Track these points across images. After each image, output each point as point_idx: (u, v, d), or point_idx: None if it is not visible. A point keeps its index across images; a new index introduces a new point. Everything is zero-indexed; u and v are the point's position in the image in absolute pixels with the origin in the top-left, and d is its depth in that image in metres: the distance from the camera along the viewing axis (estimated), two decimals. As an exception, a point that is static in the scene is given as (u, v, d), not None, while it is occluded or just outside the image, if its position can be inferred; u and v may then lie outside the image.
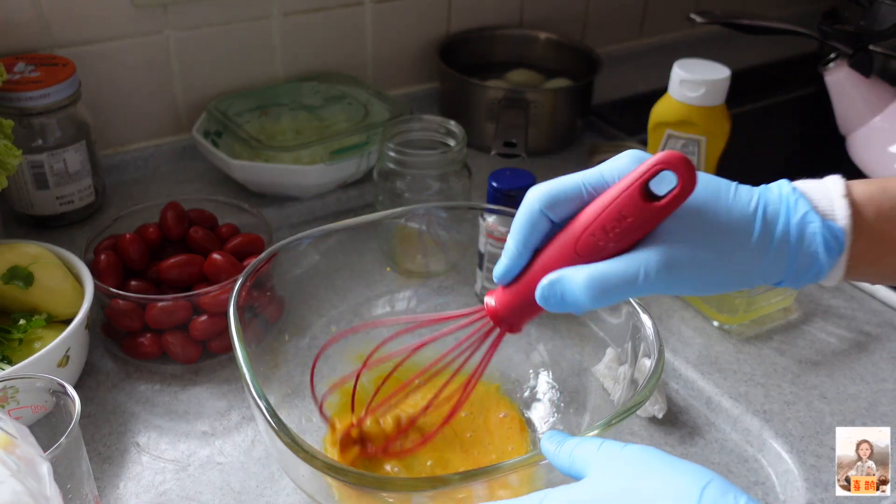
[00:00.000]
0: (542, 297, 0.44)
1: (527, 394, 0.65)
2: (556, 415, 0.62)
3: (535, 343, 0.67)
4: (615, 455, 0.41)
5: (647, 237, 0.42)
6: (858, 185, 0.44)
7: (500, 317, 0.47)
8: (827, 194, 0.43)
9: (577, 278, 0.42)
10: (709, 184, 0.43)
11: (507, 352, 0.67)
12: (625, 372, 0.57)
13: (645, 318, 0.55)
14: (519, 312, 0.47)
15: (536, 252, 0.45)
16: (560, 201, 0.43)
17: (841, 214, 0.42)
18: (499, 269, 0.46)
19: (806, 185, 0.44)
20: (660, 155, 0.40)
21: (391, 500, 0.49)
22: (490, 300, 0.48)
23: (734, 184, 0.43)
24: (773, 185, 0.44)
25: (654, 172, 0.40)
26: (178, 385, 0.67)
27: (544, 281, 0.43)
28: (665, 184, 0.41)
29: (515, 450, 0.60)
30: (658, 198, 0.40)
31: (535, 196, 0.44)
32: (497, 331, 0.49)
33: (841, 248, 0.42)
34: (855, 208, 0.42)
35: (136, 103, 0.92)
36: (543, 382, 0.65)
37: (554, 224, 0.44)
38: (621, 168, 0.43)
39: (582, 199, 0.43)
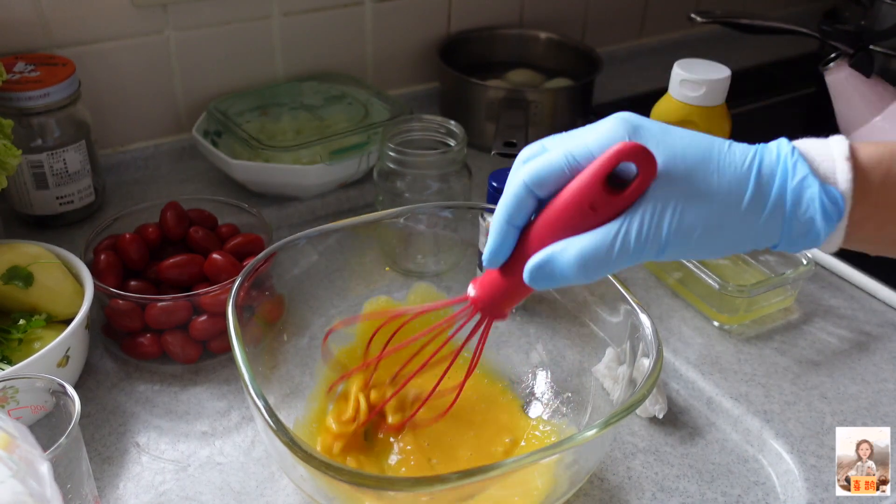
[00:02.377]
0: (531, 277, 0.43)
1: (525, 393, 0.65)
2: (555, 415, 0.62)
3: (534, 343, 0.67)
4: None
5: (634, 203, 0.41)
6: (866, 147, 0.41)
7: (484, 305, 0.47)
8: (829, 156, 0.40)
9: (565, 256, 0.41)
10: (700, 143, 0.41)
11: (506, 351, 0.67)
12: (624, 372, 0.57)
13: (643, 317, 0.55)
14: (502, 298, 0.47)
15: (521, 231, 0.45)
16: (547, 180, 0.42)
17: (842, 178, 0.40)
18: (487, 252, 0.45)
19: (807, 144, 0.41)
20: (617, 147, 0.40)
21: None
22: (471, 289, 0.48)
23: (729, 142, 0.41)
24: (773, 143, 0.41)
25: (612, 166, 0.40)
26: (178, 385, 0.66)
27: (532, 262, 0.43)
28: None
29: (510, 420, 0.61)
30: (623, 185, 0.41)
31: (522, 176, 0.43)
32: (485, 319, 0.49)
33: (840, 215, 0.40)
34: (859, 171, 0.40)
35: (136, 103, 0.92)
36: (542, 382, 0.65)
37: (540, 201, 0.44)
38: (607, 137, 0.42)
39: (566, 176, 0.42)
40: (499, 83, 1.06)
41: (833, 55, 0.92)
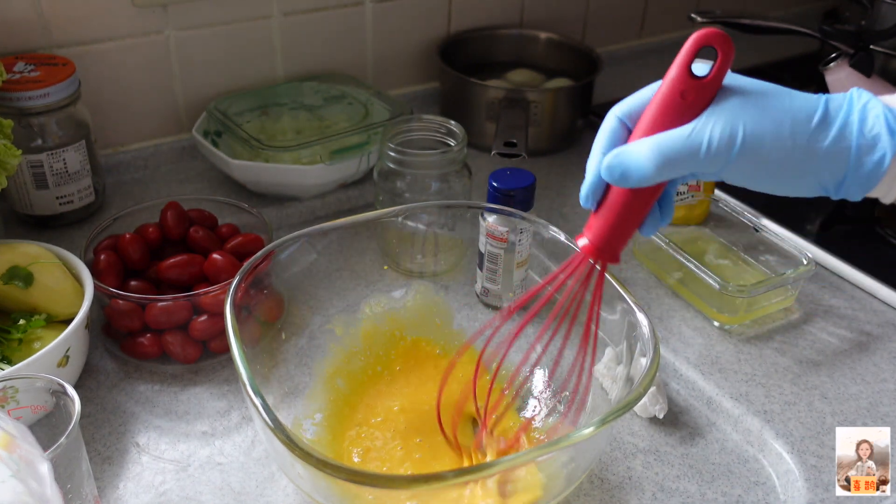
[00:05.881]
0: (608, 168, 0.45)
1: (523, 391, 0.64)
2: (552, 413, 0.62)
3: (533, 342, 0.67)
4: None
5: (710, 110, 0.44)
6: None
7: (597, 247, 0.48)
8: (892, 97, 0.44)
9: (641, 146, 0.44)
10: (769, 83, 0.45)
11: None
12: (622, 371, 0.57)
13: (640, 316, 0.55)
14: (611, 233, 0.48)
15: None
16: (637, 111, 0.46)
17: None
18: (584, 189, 0.47)
19: None
20: (696, 34, 0.44)
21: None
22: (582, 240, 0.49)
23: None
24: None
25: (694, 50, 0.44)
26: (178, 385, 0.66)
27: (609, 155, 0.45)
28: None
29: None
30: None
31: (615, 111, 0.47)
32: (597, 270, 0.50)
33: None
34: None
35: (136, 103, 0.92)
36: (540, 381, 0.65)
37: (630, 133, 0.47)
38: None
39: None
40: (499, 83, 1.06)
41: (833, 55, 0.92)
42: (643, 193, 0.47)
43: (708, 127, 0.43)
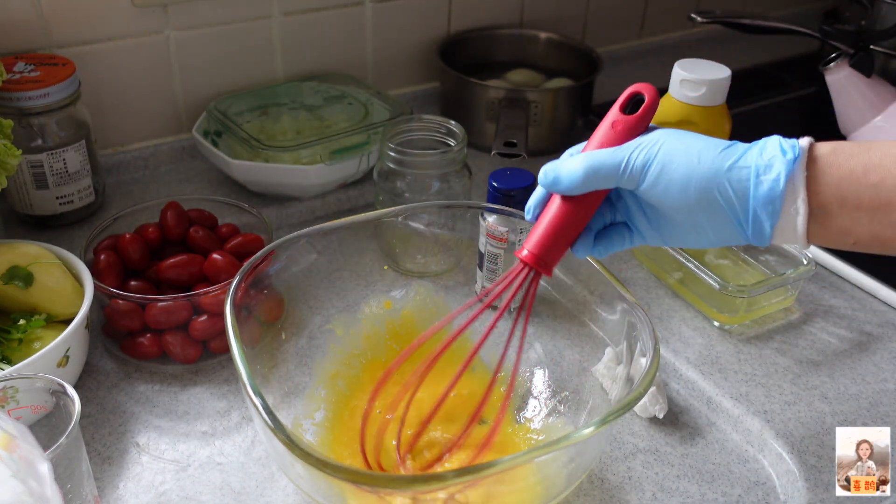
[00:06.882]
0: (543, 173, 0.52)
1: (522, 391, 0.65)
2: (552, 413, 0.62)
3: (532, 341, 0.67)
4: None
5: (638, 138, 0.51)
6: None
7: (533, 256, 0.52)
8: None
9: (575, 158, 0.51)
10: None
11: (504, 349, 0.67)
12: (622, 371, 0.57)
13: (640, 315, 0.55)
14: (547, 245, 0.52)
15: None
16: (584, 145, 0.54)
17: (802, 141, 0.48)
18: (531, 202, 0.54)
19: None
20: (630, 87, 0.53)
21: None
22: (522, 252, 0.53)
23: None
24: None
25: (628, 96, 0.53)
26: (178, 385, 0.66)
27: (547, 164, 0.52)
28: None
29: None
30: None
31: (569, 150, 0.54)
32: (530, 280, 0.53)
33: (795, 154, 0.47)
34: (813, 145, 0.48)
35: (136, 103, 0.92)
36: (540, 381, 0.65)
37: None
38: None
39: None
40: (499, 83, 1.06)
41: (833, 55, 0.92)
42: (576, 208, 0.52)
43: (631, 147, 0.50)
